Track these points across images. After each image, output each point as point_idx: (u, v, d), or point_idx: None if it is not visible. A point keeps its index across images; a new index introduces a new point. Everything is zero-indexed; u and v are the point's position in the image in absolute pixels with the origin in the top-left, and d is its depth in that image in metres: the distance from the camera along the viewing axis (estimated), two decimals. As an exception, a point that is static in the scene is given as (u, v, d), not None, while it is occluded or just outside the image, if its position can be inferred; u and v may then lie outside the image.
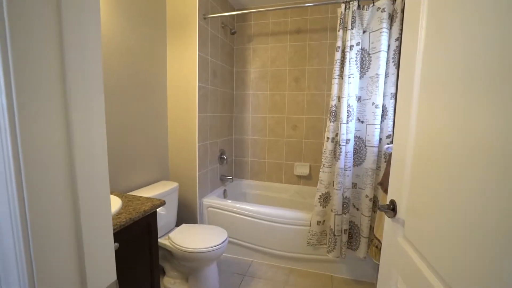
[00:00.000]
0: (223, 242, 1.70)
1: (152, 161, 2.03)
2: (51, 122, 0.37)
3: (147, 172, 1.97)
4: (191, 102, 2.13)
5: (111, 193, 1.35)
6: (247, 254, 2.22)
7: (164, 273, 1.92)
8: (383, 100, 1.74)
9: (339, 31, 1.77)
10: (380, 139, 1.77)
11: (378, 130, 1.74)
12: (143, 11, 1.84)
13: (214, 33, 2.35)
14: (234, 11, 2.74)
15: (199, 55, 2.09)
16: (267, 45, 2.75)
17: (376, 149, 1.75)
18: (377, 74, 1.70)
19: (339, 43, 1.78)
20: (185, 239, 1.71)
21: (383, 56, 1.68)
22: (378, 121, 1.73)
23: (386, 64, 1.71)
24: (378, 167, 1.78)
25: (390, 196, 0.89)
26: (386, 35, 1.68)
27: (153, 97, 2.01)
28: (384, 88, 1.73)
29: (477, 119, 0.49)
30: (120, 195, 1.34)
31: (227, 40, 2.64)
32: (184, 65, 2.11)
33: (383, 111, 1.75)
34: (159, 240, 1.75)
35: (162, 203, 1.28)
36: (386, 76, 1.72)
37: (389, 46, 1.70)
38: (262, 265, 2.13)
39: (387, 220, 0.90)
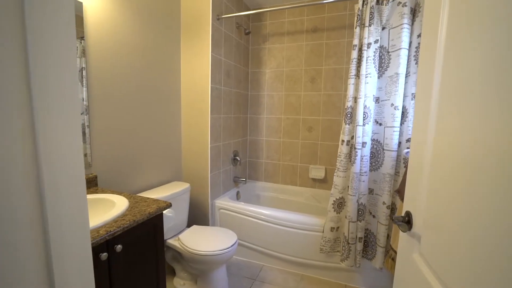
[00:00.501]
0: (232, 245, 1.67)
1: (165, 162, 2.04)
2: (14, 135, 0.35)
3: (160, 173, 1.99)
4: (204, 103, 2.12)
5: (120, 193, 1.37)
6: (258, 258, 2.17)
7: (174, 273, 1.92)
8: (403, 101, 1.63)
9: (356, 28, 1.68)
10: (400, 142, 1.66)
11: (397, 133, 1.63)
12: (158, 12, 1.86)
13: (228, 34, 2.33)
14: (249, 10, 2.71)
15: (212, 55, 2.08)
16: (283, 45, 2.69)
17: (394, 153, 1.64)
18: (397, 74, 1.60)
19: (355, 41, 1.69)
20: (194, 241, 1.70)
21: (403, 54, 1.57)
22: (397, 123, 1.62)
23: (407, 62, 1.60)
24: (396, 173, 1.67)
25: (406, 207, 0.81)
26: (408, 32, 1.57)
27: (167, 98, 2.02)
28: (405, 88, 1.62)
29: (509, 127, 0.41)
30: (128, 196, 1.34)
31: (241, 40, 2.62)
32: (197, 66, 2.11)
33: (403, 113, 1.64)
34: (170, 241, 1.76)
35: (168, 205, 1.27)
36: (407, 75, 1.61)
37: (410, 43, 1.59)
38: (273, 270, 2.08)
39: (402, 233, 0.82)
